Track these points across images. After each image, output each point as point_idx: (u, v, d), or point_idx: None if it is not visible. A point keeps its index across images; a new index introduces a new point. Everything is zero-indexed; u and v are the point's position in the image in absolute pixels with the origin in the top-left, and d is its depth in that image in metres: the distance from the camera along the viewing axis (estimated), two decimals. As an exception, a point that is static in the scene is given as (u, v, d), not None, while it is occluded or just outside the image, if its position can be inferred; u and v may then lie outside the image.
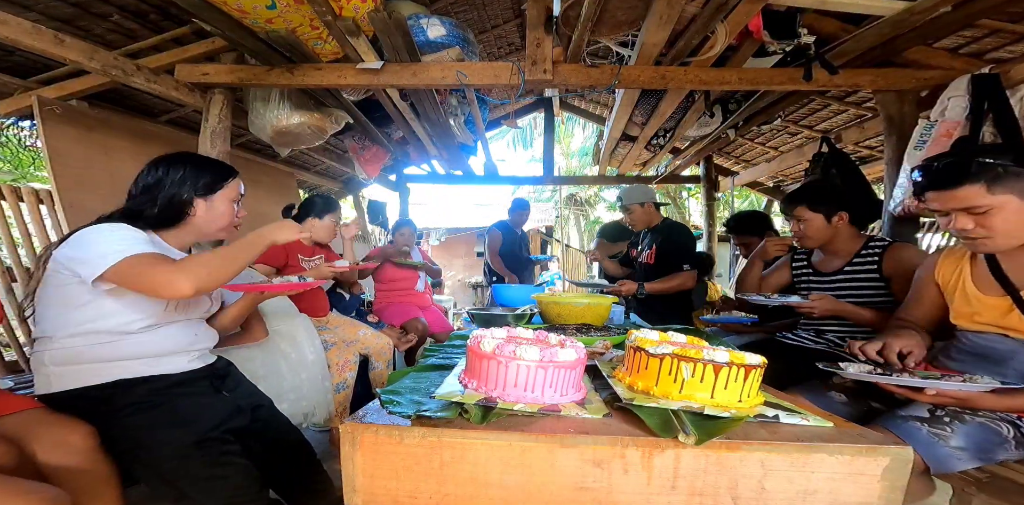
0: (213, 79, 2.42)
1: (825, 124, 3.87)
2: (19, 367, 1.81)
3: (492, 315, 1.88)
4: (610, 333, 1.47)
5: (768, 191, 5.76)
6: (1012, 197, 1.03)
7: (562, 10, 2.15)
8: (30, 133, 2.97)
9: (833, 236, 1.80)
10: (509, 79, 2.43)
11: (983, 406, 1.04)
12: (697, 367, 0.84)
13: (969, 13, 1.96)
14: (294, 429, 1.42)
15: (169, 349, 1.22)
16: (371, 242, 5.97)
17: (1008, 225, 1.05)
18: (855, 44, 2.21)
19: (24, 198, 2.06)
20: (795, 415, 0.84)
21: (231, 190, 1.32)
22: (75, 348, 1.14)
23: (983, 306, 1.17)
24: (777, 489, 0.73)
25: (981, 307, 1.18)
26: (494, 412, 0.80)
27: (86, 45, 1.96)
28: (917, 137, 2.23)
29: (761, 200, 7.97)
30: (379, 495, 0.76)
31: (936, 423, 1.05)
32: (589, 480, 0.75)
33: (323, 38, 2.31)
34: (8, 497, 0.82)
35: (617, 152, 4.49)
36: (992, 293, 1.16)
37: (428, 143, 4.10)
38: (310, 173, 4.80)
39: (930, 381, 1.00)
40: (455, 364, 1.12)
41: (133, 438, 1.10)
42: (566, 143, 13.91)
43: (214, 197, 1.28)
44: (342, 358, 2.20)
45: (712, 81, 2.45)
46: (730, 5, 1.88)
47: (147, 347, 1.18)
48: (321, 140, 3.01)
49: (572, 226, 15.32)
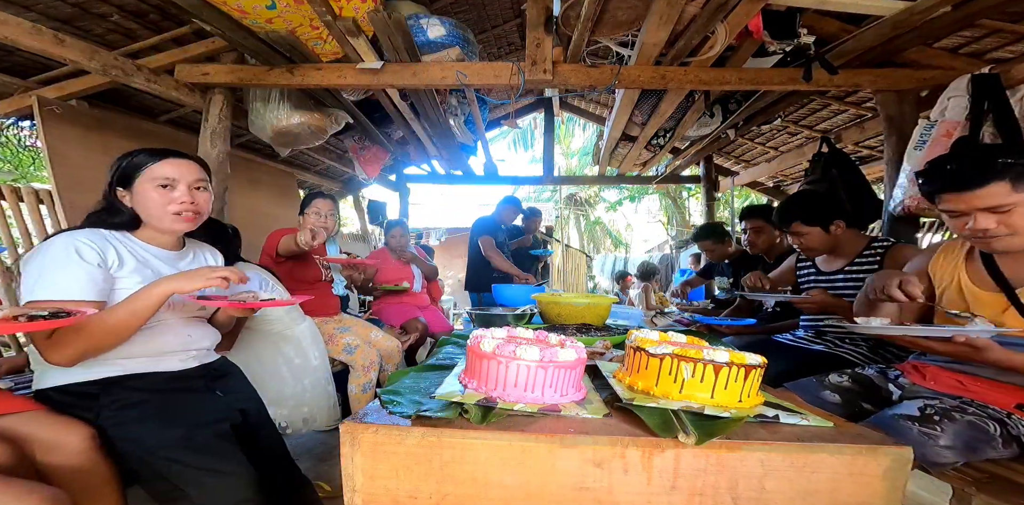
0: (213, 79, 2.42)
1: (825, 124, 3.87)
2: (19, 367, 1.81)
3: (492, 315, 1.88)
4: (610, 333, 1.47)
5: (768, 191, 5.76)
6: None
7: (562, 10, 2.15)
8: (30, 133, 2.98)
9: (835, 243, 1.80)
10: (509, 79, 2.43)
11: (993, 357, 1.04)
12: (697, 367, 0.84)
13: (969, 13, 1.95)
14: (278, 438, 1.39)
15: (160, 349, 1.21)
16: (371, 242, 5.97)
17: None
18: (855, 44, 2.21)
19: (24, 198, 2.06)
20: (795, 415, 0.84)
21: (151, 173, 1.18)
22: None
23: (979, 302, 1.18)
24: (777, 489, 0.73)
25: (977, 303, 1.19)
26: (494, 412, 0.80)
27: (86, 45, 1.96)
28: (917, 137, 2.23)
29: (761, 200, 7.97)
30: (379, 495, 0.76)
31: (926, 422, 1.05)
32: (589, 480, 0.74)
33: (323, 38, 2.31)
34: (7, 497, 0.82)
35: (617, 152, 4.49)
36: (988, 289, 1.17)
37: (428, 143, 4.10)
38: (310, 173, 4.80)
39: (954, 328, 1.00)
40: (455, 364, 1.12)
41: (123, 435, 1.10)
42: (566, 143, 13.92)
43: (135, 185, 1.19)
44: (367, 359, 2.21)
45: (712, 81, 2.45)
46: (730, 5, 1.88)
47: (137, 347, 1.17)
48: (321, 140, 3.01)
49: (572, 226, 15.33)
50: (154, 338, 1.20)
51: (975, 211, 1.08)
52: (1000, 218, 1.06)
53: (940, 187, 1.13)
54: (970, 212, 1.09)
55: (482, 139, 4.52)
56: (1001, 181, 1.04)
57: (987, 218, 1.08)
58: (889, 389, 1.34)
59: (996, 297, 1.15)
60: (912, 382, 1.31)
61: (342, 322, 2.38)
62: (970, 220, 1.10)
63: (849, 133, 3.61)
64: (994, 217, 1.07)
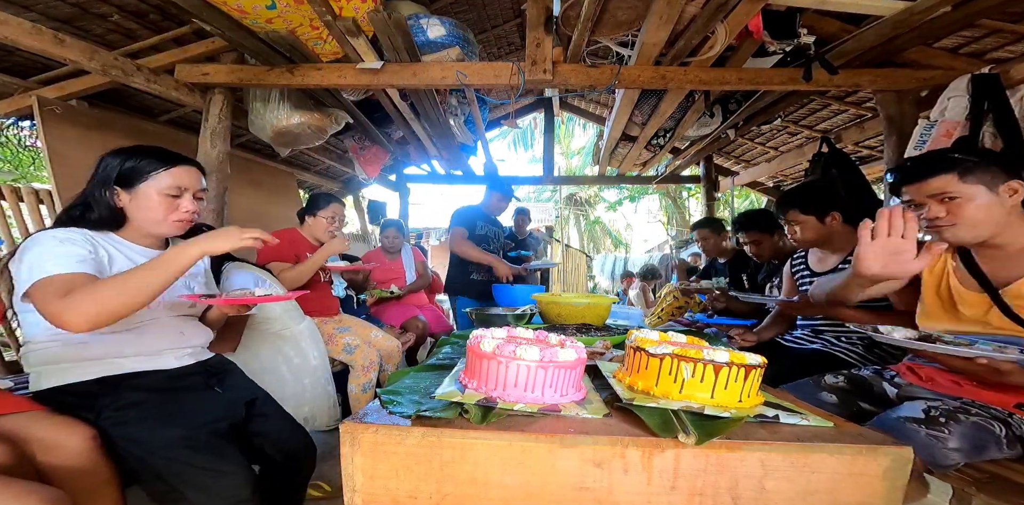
0: (213, 79, 2.42)
1: (825, 124, 3.87)
2: (19, 367, 1.81)
3: (492, 315, 1.88)
4: (610, 333, 1.47)
5: (768, 191, 5.76)
6: (981, 188, 1.14)
7: (562, 10, 2.16)
8: (30, 133, 2.98)
9: (828, 236, 1.80)
10: (509, 79, 2.43)
11: (1014, 380, 1.05)
12: (697, 367, 0.84)
13: (969, 13, 1.96)
14: (297, 425, 1.36)
15: (153, 347, 1.21)
16: (371, 242, 5.97)
17: (978, 214, 1.14)
18: (855, 44, 2.21)
19: (24, 198, 2.06)
20: (795, 415, 0.84)
21: (161, 181, 1.16)
22: (55, 350, 1.13)
23: (965, 302, 1.22)
24: (777, 489, 0.73)
25: (963, 303, 1.22)
26: (494, 412, 0.80)
27: (86, 45, 1.96)
28: (917, 137, 2.23)
29: (761, 200, 7.97)
30: (379, 495, 0.76)
31: (933, 424, 1.05)
32: (589, 480, 0.74)
33: (323, 38, 2.31)
34: (7, 498, 0.82)
35: (617, 152, 4.49)
36: (973, 289, 1.21)
37: (428, 143, 4.10)
38: (310, 173, 4.80)
39: (978, 350, 1.01)
40: (455, 364, 1.12)
41: (122, 434, 1.09)
42: (566, 143, 13.93)
43: (139, 188, 1.16)
44: (367, 359, 2.21)
45: (712, 81, 2.45)
46: (730, 5, 1.88)
47: (130, 345, 1.17)
48: (321, 140, 3.02)
49: (572, 226, 15.33)
50: (147, 336, 1.20)
51: (927, 200, 1.19)
52: (949, 207, 1.16)
53: (900, 180, 1.26)
54: (924, 202, 1.20)
55: (482, 139, 4.52)
56: (948, 173, 1.15)
57: (938, 207, 1.18)
58: (885, 389, 1.35)
59: (980, 297, 1.19)
60: (909, 383, 1.31)
61: (342, 322, 2.39)
62: (924, 210, 1.20)
63: (849, 133, 3.61)
64: (943, 206, 1.17)
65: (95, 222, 1.17)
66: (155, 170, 1.17)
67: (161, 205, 1.17)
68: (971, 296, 1.20)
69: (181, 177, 1.19)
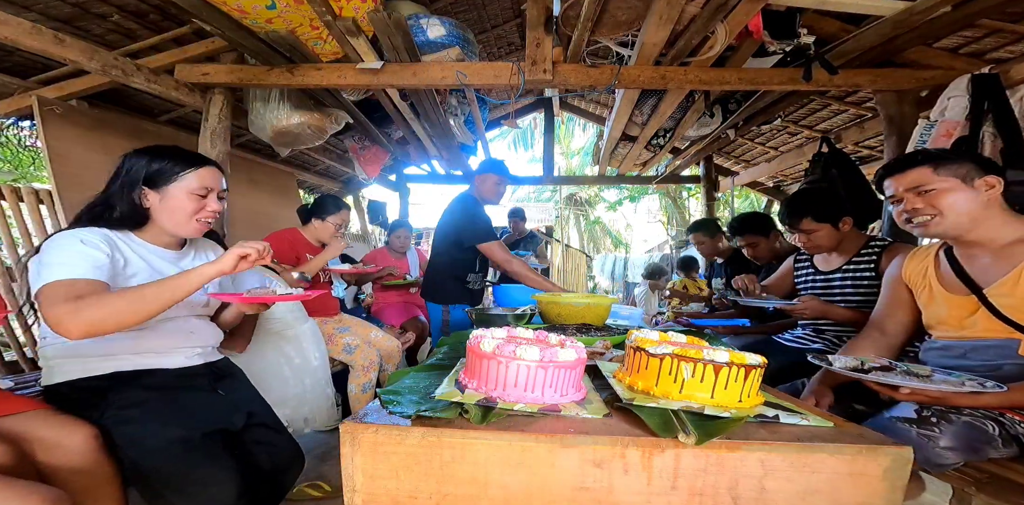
0: (213, 79, 2.42)
1: (825, 124, 3.87)
2: (19, 367, 1.81)
3: (492, 315, 1.88)
4: (610, 333, 1.47)
5: (768, 191, 5.76)
6: (956, 181, 1.18)
7: (562, 10, 2.15)
8: (30, 133, 2.97)
9: (841, 240, 1.81)
10: (509, 79, 2.43)
11: (958, 404, 1.08)
12: (697, 367, 0.84)
13: (969, 13, 1.95)
14: (290, 437, 1.35)
15: (164, 345, 1.22)
16: (371, 242, 5.96)
17: (956, 206, 1.18)
18: (855, 44, 2.21)
19: (24, 198, 2.06)
20: (795, 415, 0.84)
21: (190, 181, 1.19)
22: (70, 344, 1.14)
23: (949, 305, 1.24)
24: (777, 489, 0.73)
25: (948, 305, 1.24)
26: (494, 412, 0.80)
27: (86, 45, 1.96)
28: (917, 137, 2.23)
29: (761, 200, 7.97)
30: (379, 495, 0.76)
31: (924, 424, 1.06)
32: (589, 480, 0.74)
33: (323, 38, 2.31)
34: (8, 497, 0.82)
35: (617, 152, 4.49)
36: (958, 292, 1.23)
37: (428, 143, 4.10)
38: (310, 173, 4.80)
39: (907, 380, 1.06)
40: (455, 364, 1.12)
41: (122, 434, 1.09)
42: (566, 143, 13.92)
43: (167, 189, 1.18)
44: (367, 359, 2.21)
45: (712, 81, 2.45)
46: (730, 5, 1.88)
47: (141, 343, 1.18)
48: (321, 140, 3.01)
49: (572, 226, 15.34)
50: (159, 333, 1.21)
51: (905, 193, 1.25)
52: (926, 199, 1.21)
53: (882, 175, 1.33)
54: (902, 196, 1.25)
55: (482, 139, 4.52)
56: (923, 166, 1.22)
57: (915, 199, 1.23)
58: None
59: (967, 299, 1.21)
60: None
61: (342, 322, 2.39)
62: (904, 203, 1.25)
63: (849, 133, 3.61)
64: (920, 199, 1.22)
65: (116, 221, 1.19)
66: (183, 171, 1.20)
67: (189, 205, 1.20)
68: (957, 300, 1.23)
69: (207, 178, 1.22)
